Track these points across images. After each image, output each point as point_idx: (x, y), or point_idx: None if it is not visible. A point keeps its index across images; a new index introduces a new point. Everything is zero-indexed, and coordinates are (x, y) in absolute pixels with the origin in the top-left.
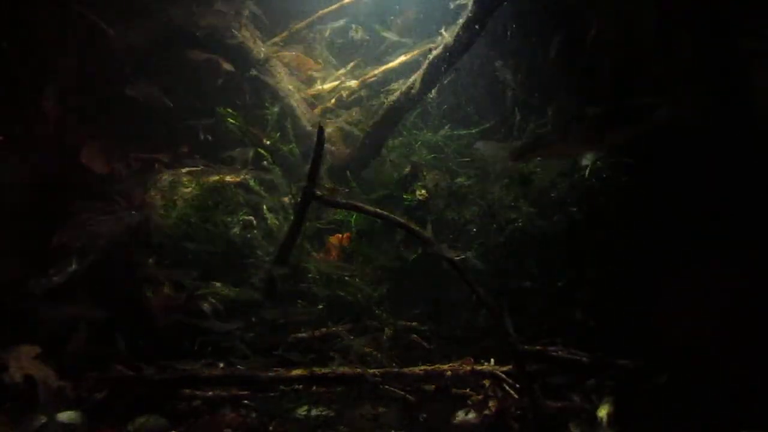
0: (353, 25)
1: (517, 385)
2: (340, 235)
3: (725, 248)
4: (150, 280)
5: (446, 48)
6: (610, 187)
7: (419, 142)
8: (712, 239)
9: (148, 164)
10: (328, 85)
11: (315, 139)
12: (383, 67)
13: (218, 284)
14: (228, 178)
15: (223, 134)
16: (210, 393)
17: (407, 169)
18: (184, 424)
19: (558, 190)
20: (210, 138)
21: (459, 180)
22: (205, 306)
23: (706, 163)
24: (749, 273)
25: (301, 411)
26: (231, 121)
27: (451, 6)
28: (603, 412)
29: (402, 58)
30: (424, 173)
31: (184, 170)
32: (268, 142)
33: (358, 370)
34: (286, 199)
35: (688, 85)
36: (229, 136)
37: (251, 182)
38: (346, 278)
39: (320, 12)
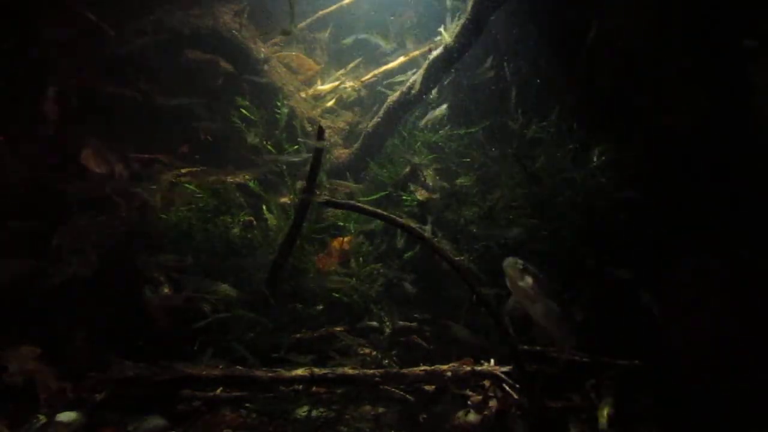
0: (353, 26)
1: (517, 386)
2: (341, 238)
3: (726, 248)
4: (150, 280)
5: (446, 48)
6: (611, 189)
7: (419, 142)
8: (713, 239)
9: (148, 164)
10: (328, 85)
11: (315, 139)
12: (383, 68)
13: (218, 285)
14: (228, 179)
15: (223, 134)
16: (210, 393)
17: (407, 169)
18: (184, 424)
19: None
20: (210, 138)
21: (459, 180)
22: (206, 307)
23: (707, 164)
24: (750, 273)
25: (302, 411)
26: (244, 111)
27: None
28: (603, 412)
29: (402, 59)
30: (424, 173)
31: (183, 170)
32: (268, 143)
33: (358, 370)
34: (287, 200)
35: (687, 85)
36: (228, 136)
37: (251, 183)
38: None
39: (320, 12)
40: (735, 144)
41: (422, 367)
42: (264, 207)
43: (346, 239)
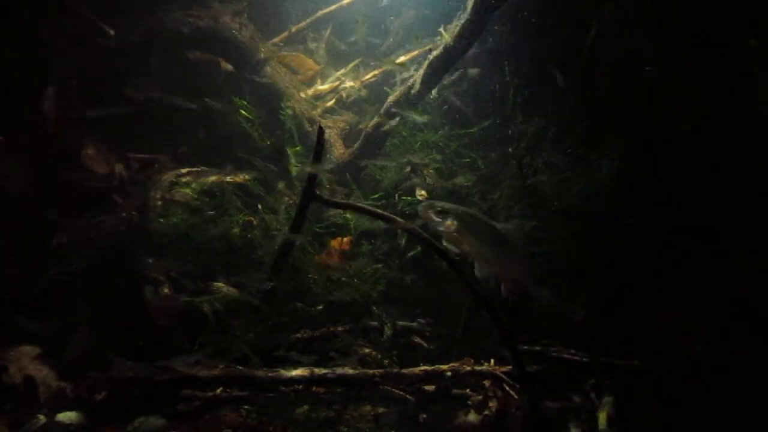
0: (353, 26)
1: (517, 386)
2: (341, 238)
3: (726, 249)
4: (150, 280)
5: (446, 48)
6: (610, 189)
7: (419, 142)
8: (713, 240)
9: (148, 164)
10: (328, 85)
11: (315, 139)
12: (383, 68)
13: (219, 285)
14: (228, 179)
15: (223, 134)
16: (210, 393)
17: (407, 170)
18: (184, 424)
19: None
20: (210, 138)
21: (459, 181)
22: (205, 307)
23: (707, 164)
24: (750, 273)
25: (301, 411)
26: (243, 112)
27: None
28: (603, 413)
29: (402, 59)
30: (424, 173)
31: (184, 170)
32: (268, 142)
33: (358, 370)
34: (287, 200)
35: (687, 85)
36: (228, 137)
37: (251, 183)
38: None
39: (320, 12)
40: (735, 144)
41: (422, 367)
42: (264, 207)
43: (345, 239)
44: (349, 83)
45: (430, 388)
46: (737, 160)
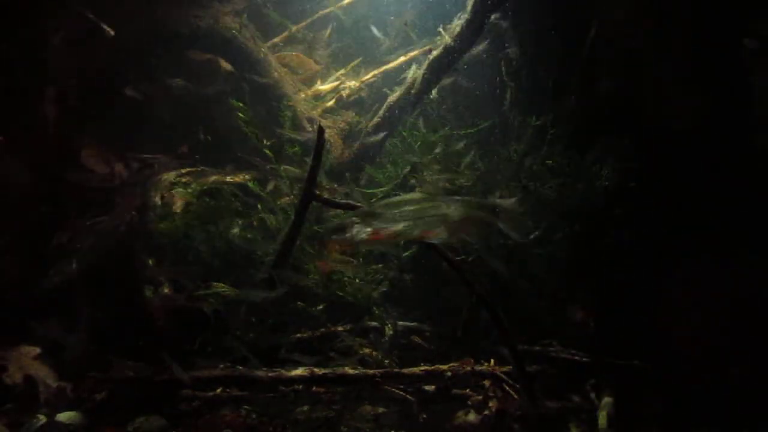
0: (353, 26)
1: (517, 386)
2: None
3: (726, 249)
4: (150, 281)
5: (446, 48)
6: (610, 190)
7: (419, 143)
8: (713, 240)
9: (148, 164)
10: (328, 85)
11: (315, 139)
12: (383, 67)
13: (219, 284)
14: (228, 179)
15: (223, 134)
16: (210, 393)
17: (407, 169)
18: (184, 424)
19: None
20: (210, 138)
21: (459, 181)
22: (205, 306)
23: (707, 164)
24: (750, 274)
25: (301, 411)
26: (241, 114)
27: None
28: (603, 413)
29: (402, 59)
30: (424, 173)
31: (183, 170)
32: (268, 143)
33: (358, 370)
34: (286, 200)
35: (687, 85)
36: (228, 137)
37: (251, 184)
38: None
39: (320, 12)
40: (735, 144)
41: (422, 367)
42: (264, 207)
43: None
44: (349, 83)
45: (430, 388)
46: (737, 160)
